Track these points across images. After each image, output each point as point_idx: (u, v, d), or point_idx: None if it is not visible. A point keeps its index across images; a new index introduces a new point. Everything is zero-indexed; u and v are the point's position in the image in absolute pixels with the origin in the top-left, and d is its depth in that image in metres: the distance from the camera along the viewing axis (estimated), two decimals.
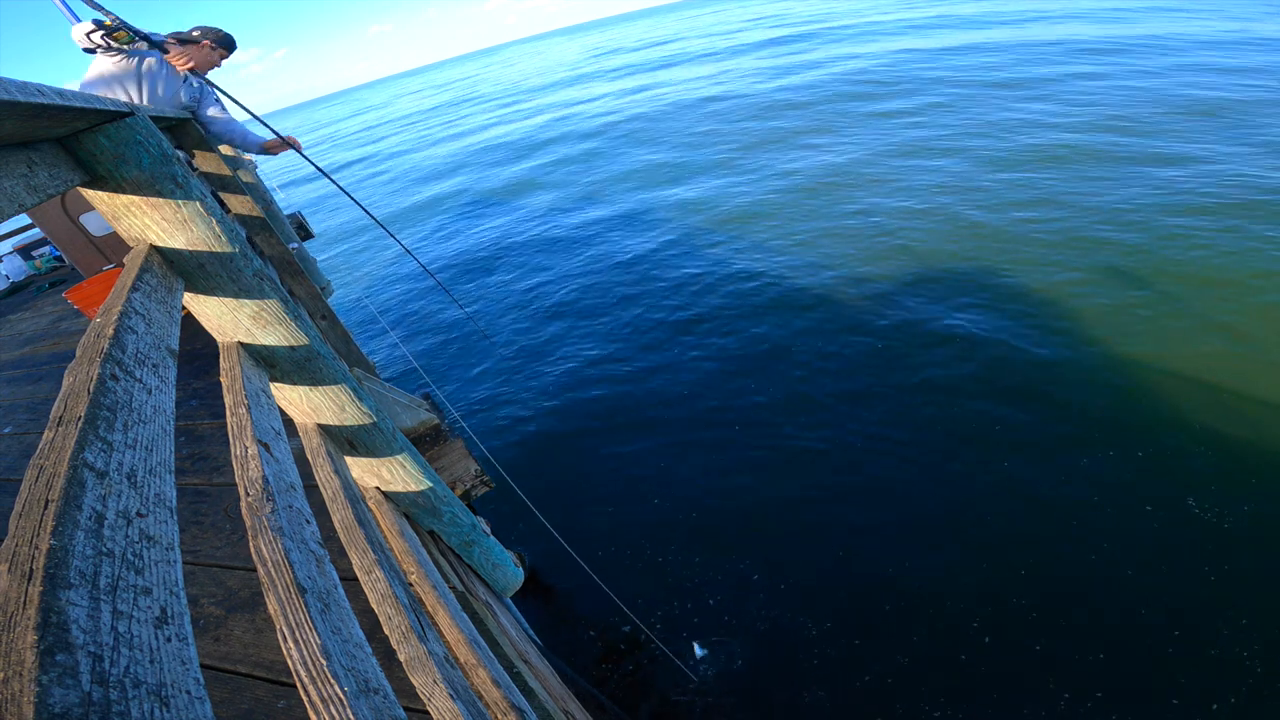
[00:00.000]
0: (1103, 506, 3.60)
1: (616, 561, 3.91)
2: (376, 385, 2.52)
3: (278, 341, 1.15)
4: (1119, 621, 3.04)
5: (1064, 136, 9.13)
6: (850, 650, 3.17)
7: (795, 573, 3.61)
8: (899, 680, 3.00)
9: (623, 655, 3.39)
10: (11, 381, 3.45)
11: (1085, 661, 2.91)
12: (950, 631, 3.15)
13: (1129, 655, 2.90)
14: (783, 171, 10.19)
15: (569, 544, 3.07)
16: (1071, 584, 3.25)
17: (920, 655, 3.08)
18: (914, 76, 14.77)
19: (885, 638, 3.19)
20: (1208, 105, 9.38)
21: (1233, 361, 4.44)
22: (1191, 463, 3.77)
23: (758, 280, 6.89)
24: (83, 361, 0.60)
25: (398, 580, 1.19)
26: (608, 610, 3.52)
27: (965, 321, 5.48)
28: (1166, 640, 2.94)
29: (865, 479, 4.15)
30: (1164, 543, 3.36)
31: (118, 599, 0.41)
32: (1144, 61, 12.69)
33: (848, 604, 3.39)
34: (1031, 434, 4.19)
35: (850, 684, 3.03)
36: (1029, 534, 3.54)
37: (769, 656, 3.23)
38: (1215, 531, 3.35)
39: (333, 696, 0.66)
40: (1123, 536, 3.42)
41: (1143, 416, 4.16)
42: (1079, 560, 3.35)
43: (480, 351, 6.94)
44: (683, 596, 3.62)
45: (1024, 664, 2.95)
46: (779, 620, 3.38)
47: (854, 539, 3.74)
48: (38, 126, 0.68)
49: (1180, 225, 6.18)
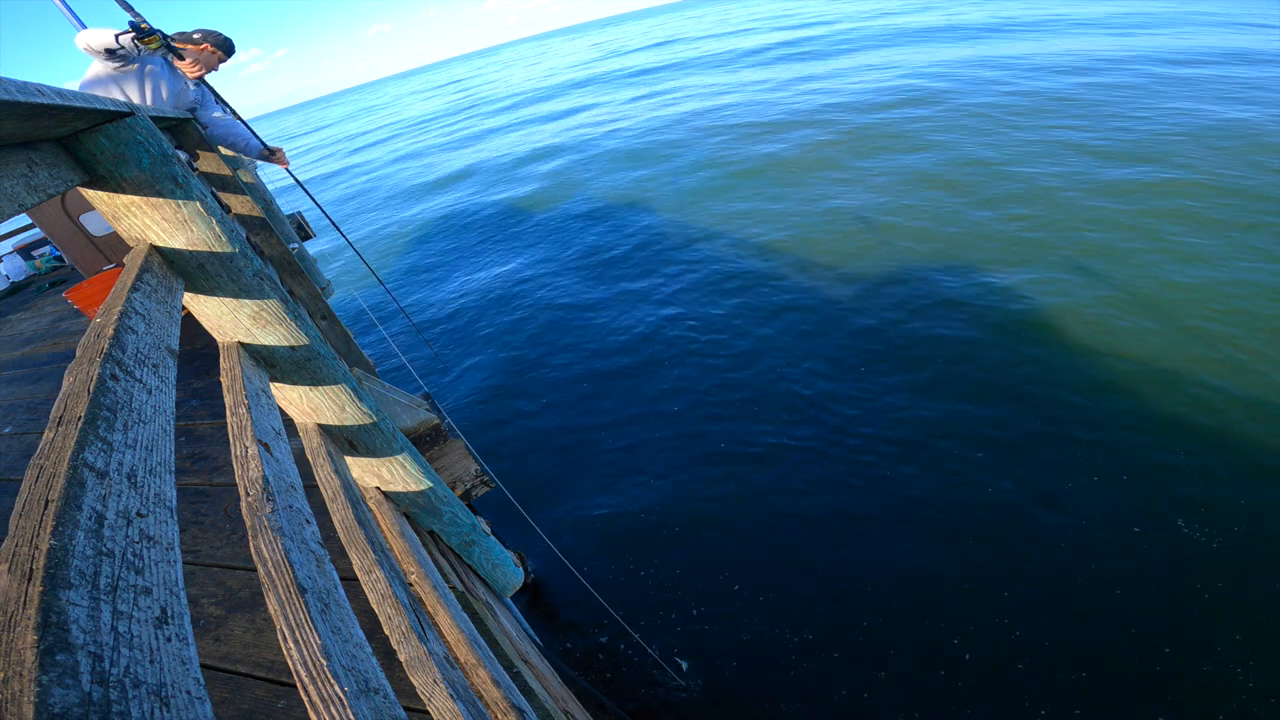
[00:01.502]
0: (1095, 521, 3.59)
1: (604, 566, 3.91)
2: (376, 385, 2.52)
3: (278, 341, 1.15)
4: (1106, 640, 3.01)
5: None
6: (830, 662, 3.15)
7: (777, 582, 3.60)
8: (875, 694, 2.98)
9: (609, 660, 3.39)
10: (12, 381, 3.45)
11: (1069, 679, 2.88)
12: (931, 646, 3.12)
13: (1115, 673, 2.88)
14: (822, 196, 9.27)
15: (558, 549, 3.07)
16: (1056, 599, 3.22)
17: (898, 670, 3.07)
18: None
19: (865, 650, 3.17)
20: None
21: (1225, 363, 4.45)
22: (1182, 462, 3.78)
23: (767, 285, 6.85)
24: (83, 361, 0.60)
25: (398, 580, 1.19)
26: (598, 617, 3.53)
27: (953, 324, 5.50)
28: (1156, 655, 2.91)
29: (855, 484, 4.14)
30: (1153, 554, 3.35)
31: (118, 599, 0.41)
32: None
33: (831, 615, 3.37)
34: (1020, 438, 4.19)
35: (829, 695, 3.01)
36: (1015, 548, 3.52)
37: (752, 665, 3.21)
38: (1205, 543, 3.34)
39: (333, 696, 0.66)
40: (1111, 550, 3.40)
41: (1135, 416, 4.17)
42: (1064, 573, 3.32)
43: (472, 346, 6.97)
44: (666, 605, 3.60)
45: (1005, 681, 2.94)
46: (761, 630, 3.37)
47: (840, 548, 3.73)
48: (38, 126, 0.68)
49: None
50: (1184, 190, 6.86)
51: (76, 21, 3.31)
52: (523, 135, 19.31)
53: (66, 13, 3.37)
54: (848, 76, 16.21)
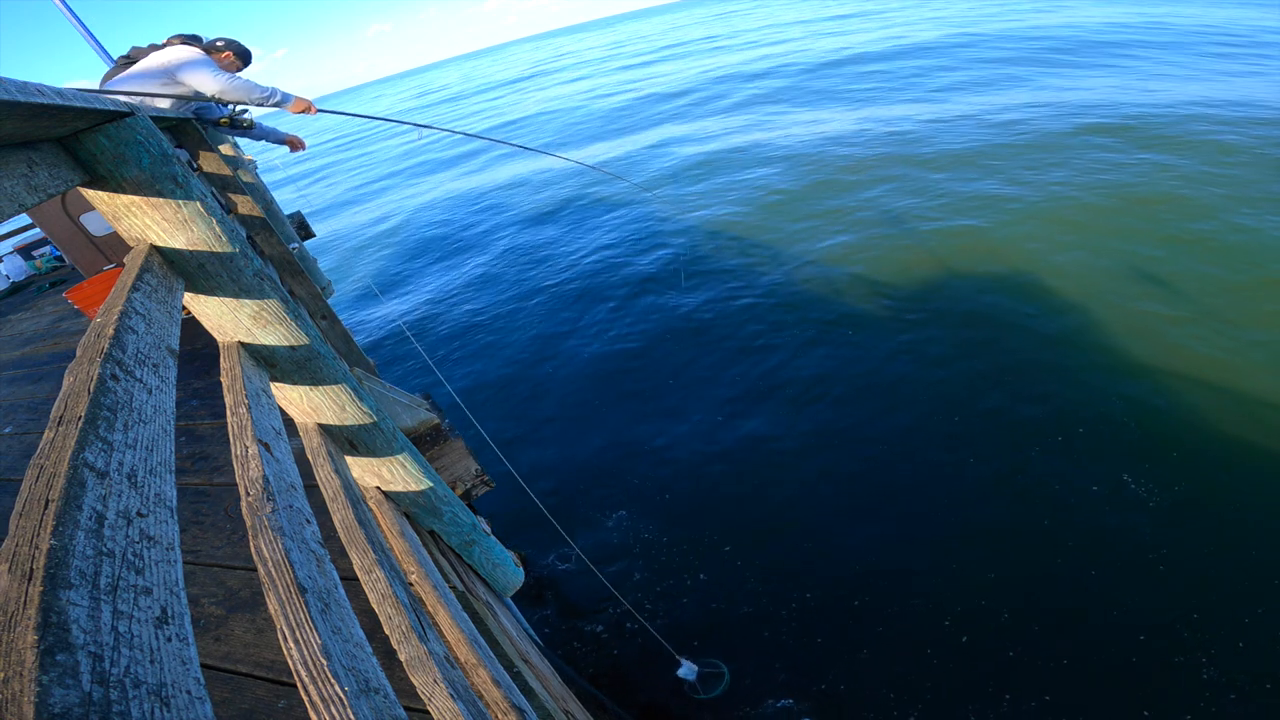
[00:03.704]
0: (1096, 506, 3.60)
1: (615, 557, 3.92)
2: (377, 385, 2.52)
3: (278, 341, 1.15)
4: (1108, 633, 3.02)
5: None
6: (835, 655, 3.17)
7: (784, 575, 3.62)
8: (889, 685, 3.00)
9: (619, 656, 3.39)
10: (12, 381, 3.45)
11: (1062, 668, 2.90)
12: (926, 631, 3.14)
13: (1113, 663, 2.90)
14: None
15: (570, 540, 3.07)
16: (1058, 587, 3.24)
17: (896, 654, 3.08)
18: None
19: (875, 643, 3.18)
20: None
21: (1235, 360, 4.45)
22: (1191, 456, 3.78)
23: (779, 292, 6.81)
24: (83, 361, 0.60)
25: (398, 580, 1.19)
26: (607, 610, 3.53)
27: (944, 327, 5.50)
28: (1150, 648, 2.92)
29: (855, 475, 4.17)
30: (1147, 543, 3.37)
31: (118, 599, 0.41)
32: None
33: (835, 609, 3.39)
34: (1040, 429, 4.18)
35: (837, 687, 3.03)
36: (1013, 534, 3.55)
37: (758, 659, 3.22)
38: (1210, 534, 3.35)
39: (333, 696, 0.66)
40: (1110, 537, 3.42)
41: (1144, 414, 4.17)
42: (1064, 563, 3.34)
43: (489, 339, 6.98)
44: (671, 596, 3.61)
45: (997, 666, 2.95)
46: (771, 624, 3.37)
47: (848, 540, 3.75)
48: (38, 126, 0.68)
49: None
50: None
51: (77, 21, 3.32)
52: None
53: (66, 12, 3.37)
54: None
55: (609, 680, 3.27)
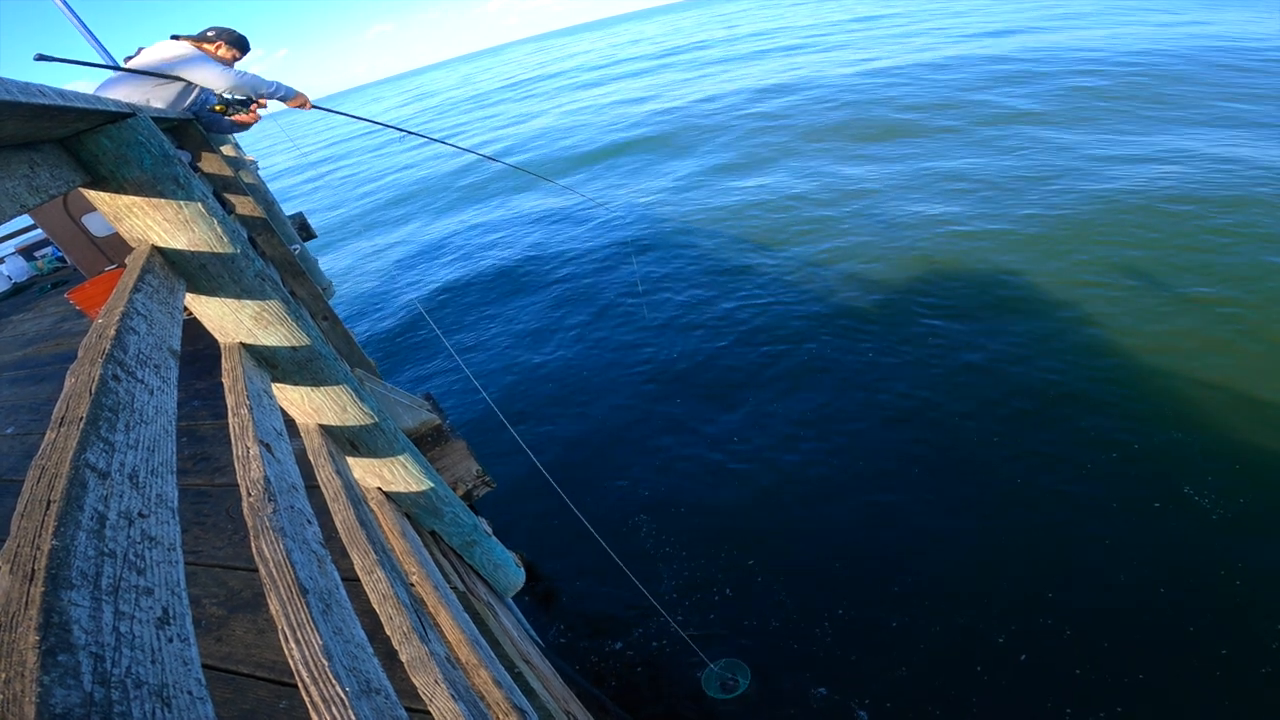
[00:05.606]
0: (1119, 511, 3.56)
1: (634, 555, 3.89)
2: (378, 386, 2.52)
3: (279, 342, 1.15)
4: (1147, 637, 2.96)
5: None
6: (852, 663, 3.15)
7: (798, 580, 3.60)
8: (900, 694, 2.98)
9: (630, 656, 3.38)
10: (14, 382, 3.46)
11: (1111, 679, 2.84)
12: (976, 648, 3.08)
13: (1146, 667, 2.85)
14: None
15: (602, 539, 3.03)
16: (1125, 598, 3.13)
17: (927, 657, 3.07)
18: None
19: (888, 647, 3.17)
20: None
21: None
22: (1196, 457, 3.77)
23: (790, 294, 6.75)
24: (85, 362, 0.60)
25: (399, 580, 1.19)
26: (619, 610, 3.52)
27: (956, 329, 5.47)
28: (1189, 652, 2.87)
29: (871, 483, 4.15)
30: (1169, 542, 3.35)
31: (120, 599, 0.41)
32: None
33: (851, 613, 3.37)
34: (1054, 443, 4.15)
35: (853, 695, 3.01)
36: (1043, 547, 3.50)
37: (775, 666, 3.21)
38: (1224, 533, 3.34)
39: (334, 697, 0.66)
40: (1135, 544, 3.39)
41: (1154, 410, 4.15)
42: (1127, 577, 3.24)
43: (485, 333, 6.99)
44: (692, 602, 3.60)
45: (1032, 674, 2.91)
46: (786, 628, 3.36)
47: (865, 544, 3.74)
48: (40, 127, 0.68)
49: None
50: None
51: (77, 22, 3.32)
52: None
53: (67, 12, 3.38)
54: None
55: (626, 683, 3.25)
